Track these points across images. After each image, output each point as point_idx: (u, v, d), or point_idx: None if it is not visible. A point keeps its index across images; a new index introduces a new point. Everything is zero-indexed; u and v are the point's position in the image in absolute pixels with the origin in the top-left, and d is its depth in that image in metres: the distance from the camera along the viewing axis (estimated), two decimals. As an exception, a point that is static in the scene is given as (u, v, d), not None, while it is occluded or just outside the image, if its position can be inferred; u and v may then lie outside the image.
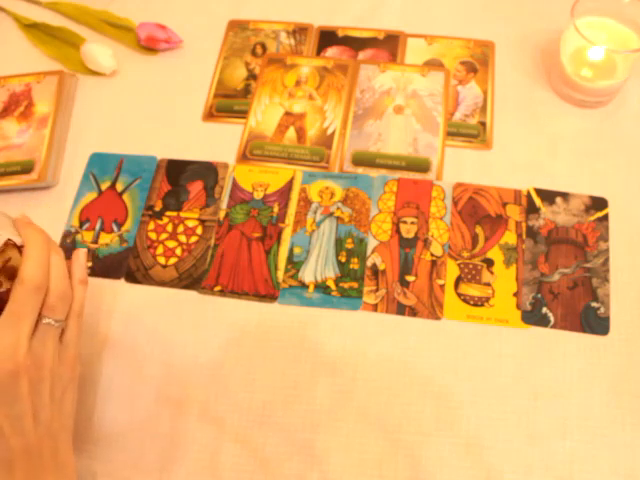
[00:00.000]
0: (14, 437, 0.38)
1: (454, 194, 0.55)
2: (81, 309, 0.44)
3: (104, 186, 0.58)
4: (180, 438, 0.48)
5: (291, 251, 0.54)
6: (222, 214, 0.56)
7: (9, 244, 0.40)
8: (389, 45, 0.64)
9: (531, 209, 0.54)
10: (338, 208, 0.56)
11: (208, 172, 0.58)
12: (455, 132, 0.59)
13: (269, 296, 0.52)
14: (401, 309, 0.51)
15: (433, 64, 0.63)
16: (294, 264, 0.53)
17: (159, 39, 0.64)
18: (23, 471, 0.38)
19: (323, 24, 0.66)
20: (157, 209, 0.57)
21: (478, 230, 0.54)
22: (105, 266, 0.55)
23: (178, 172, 0.58)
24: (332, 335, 0.51)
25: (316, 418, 0.48)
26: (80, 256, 0.45)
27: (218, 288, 0.53)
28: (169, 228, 0.56)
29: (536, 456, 0.46)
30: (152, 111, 0.62)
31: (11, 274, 0.41)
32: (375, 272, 0.53)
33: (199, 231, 0.55)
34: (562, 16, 0.57)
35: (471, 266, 0.52)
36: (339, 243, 0.54)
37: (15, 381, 0.38)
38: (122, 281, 0.54)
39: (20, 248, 0.40)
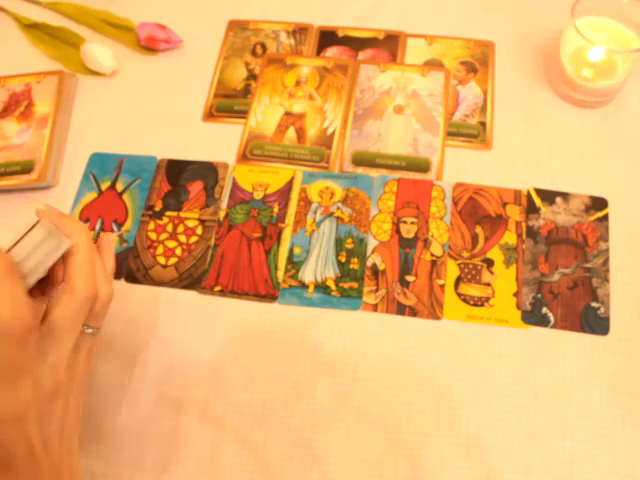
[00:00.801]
0: (44, 458, 0.35)
1: (454, 194, 0.55)
2: (108, 305, 0.41)
3: (104, 186, 0.58)
4: (180, 438, 0.48)
5: (291, 251, 0.54)
6: (222, 214, 0.56)
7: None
8: (389, 45, 0.64)
9: (531, 209, 0.54)
10: (338, 208, 0.56)
11: (208, 172, 0.58)
12: (455, 132, 0.59)
13: (269, 296, 0.52)
14: (401, 309, 0.51)
15: (433, 64, 0.63)
16: (294, 264, 0.53)
17: (159, 39, 0.64)
18: None
19: (323, 24, 0.66)
20: (157, 209, 0.57)
21: (478, 230, 0.54)
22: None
23: (178, 172, 0.58)
24: (332, 335, 0.51)
25: (316, 418, 0.48)
26: (111, 244, 0.41)
27: (218, 288, 0.53)
28: (169, 228, 0.56)
29: (536, 456, 0.46)
30: (152, 111, 0.62)
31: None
32: (375, 272, 0.53)
33: (199, 231, 0.55)
34: (562, 16, 0.57)
35: (471, 266, 0.52)
36: (339, 243, 0.54)
37: (53, 402, 0.35)
38: (122, 281, 0.54)
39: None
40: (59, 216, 0.38)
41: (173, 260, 0.54)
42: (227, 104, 0.62)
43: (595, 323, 0.50)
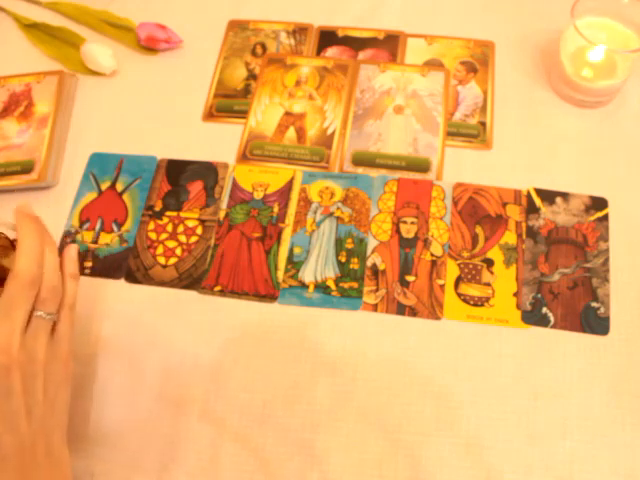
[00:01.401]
0: (7, 434, 0.37)
1: (454, 194, 0.55)
2: (73, 304, 0.44)
3: (104, 186, 0.58)
4: (180, 438, 0.48)
5: (291, 251, 0.54)
6: (222, 214, 0.56)
7: (1, 237, 0.40)
8: (389, 45, 0.64)
9: (531, 209, 0.54)
10: (338, 208, 0.56)
11: (208, 172, 0.58)
12: (455, 132, 0.59)
13: (269, 296, 0.52)
14: (401, 309, 0.51)
15: (433, 64, 0.63)
16: (294, 264, 0.53)
17: (159, 39, 0.64)
18: (17, 468, 0.38)
19: (323, 24, 0.66)
20: (157, 209, 0.57)
21: (478, 230, 0.54)
22: (105, 266, 0.55)
23: (178, 172, 0.58)
24: (332, 335, 0.51)
25: (316, 418, 0.48)
26: (71, 251, 0.45)
27: (218, 288, 0.53)
28: (169, 228, 0.56)
29: (536, 456, 0.46)
30: (152, 111, 0.62)
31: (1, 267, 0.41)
32: (375, 272, 0.53)
33: (199, 231, 0.55)
34: (562, 16, 0.57)
35: (471, 266, 0.52)
36: (339, 243, 0.54)
37: (8, 376, 0.37)
38: (122, 281, 0.54)
39: (13, 241, 0.41)
40: (22, 215, 0.42)
41: (173, 260, 0.54)
42: (227, 104, 0.62)
43: (595, 323, 0.50)
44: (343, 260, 0.53)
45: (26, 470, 0.38)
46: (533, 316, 0.50)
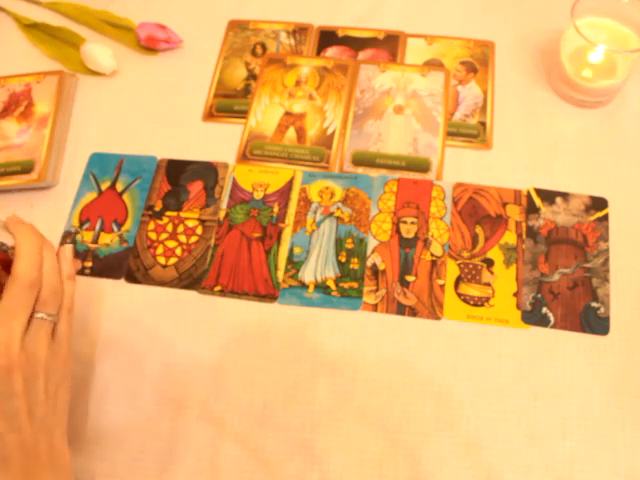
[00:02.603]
0: (9, 434, 0.38)
1: (454, 194, 0.55)
2: (71, 304, 0.44)
3: (104, 186, 0.58)
4: (180, 438, 0.48)
5: (291, 251, 0.54)
6: (222, 214, 0.56)
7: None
8: (389, 45, 0.64)
9: (531, 209, 0.54)
10: (338, 208, 0.56)
11: (208, 172, 0.58)
12: (455, 132, 0.59)
13: (269, 296, 0.52)
14: (401, 309, 0.51)
15: (433, 64, 0.63)
16: (294, 264, 0.53)
17: (159, 39, 0.64)
18: (19, 468, 0.38)
19: (323, 24, 0.66)
20: (157, 209, 0.57)
21: (478, 230, 0.54)
22: (105, 266, 0.55)
23: (178, 172, 0.58)
24: (332, 335, 0.51)
25: (316, 418, 0.48)
26: (66, 252, 0.45)
27: (218, 288, 0.53)
28: (169, 228, 0.56)
29: (536, 456, 0.46)
30: (152, 111, 0.62)
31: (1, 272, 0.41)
32: (375, 272, 0.53)
33: (199, 231, 0.55)
34: (562, 16, 0.57)
35: (471, 266, 0.52)
36: (339, 243, 0.54)
37: (9, 377, 0.38)
38: (122, 281, 0.54)
39: (11, 249, 0.41)
40: (16, 222, 0.43)
41: (173, 260, 0.54)
42: (227, 104, 0.62)
43: (595, 323, 0.50)
44: (343, 260, 0.53)
45: (29, 469, 0.38)
46: (533, 316, 0.50)
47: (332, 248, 0.54)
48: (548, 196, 0.55)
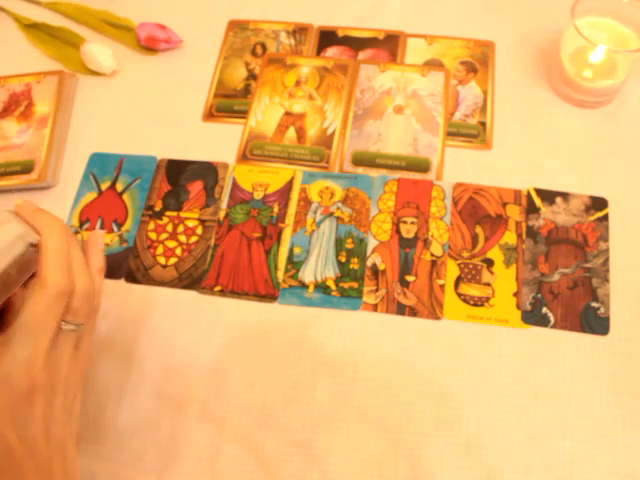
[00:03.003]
0: (27, 460, 0.34)
1: (454, 194, 0.55)
2: (98, 304, 0.40)
3: (104, 186, 0.58)
4: (180, 438, 0.48)
5: (291, 251, 0.54)
6: (222, 214, 0.56)
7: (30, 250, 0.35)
8: (389, 45, 0.64)
9: (531, 209, 0.54)
10: (338, 208, 0.56)
11: (208, 172, 0.58)
12: (455, 132, 0.59)
13: (269, 296, 0.52)
14: (401, 309, 0.51)
15: (433, 64, 0.63)
16: (294, 264, 0.53)
17: (159, 39, 0.64)
18: None
19: (323, 24, 0.66)
20: (157, 209, 0.57)
21: (478, 230, 0.54)
22: (105, 266, 0.54)
23: (178, 172, 0.58)
24: (332, 335, 0.51)
25: (316, 418, 0.48)
26: (99, 240, 0.39)
27: (218, 288, 0.53)
28: (169, 228, 0.56)
29: (536, 456, 0.46)
30: (152, 111, 0.62)
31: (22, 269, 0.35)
32: (375, 272, 0.53)
33: (199, 231, 0.55)
34: (562, 16, 0.57)
35: (471, 266, 0.52)
36: (339, 243, 0.54)
37: (30, 401, 0.34)
38: (122, 281, 0.54)
39: (32, 247, 0.35)
40: (34, 211, 0.37)
41: (173, 260, 0.54)
42: (227, 104, 0.62)
43: (595, 323, 0.50)
44: (343, 260, 0.53)
45: None
46: (533, 316, 0.50)
47: (332, 248, 0.54)
48: (548, 196, 0.55)
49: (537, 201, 0.55)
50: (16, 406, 0.33)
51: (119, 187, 0.58)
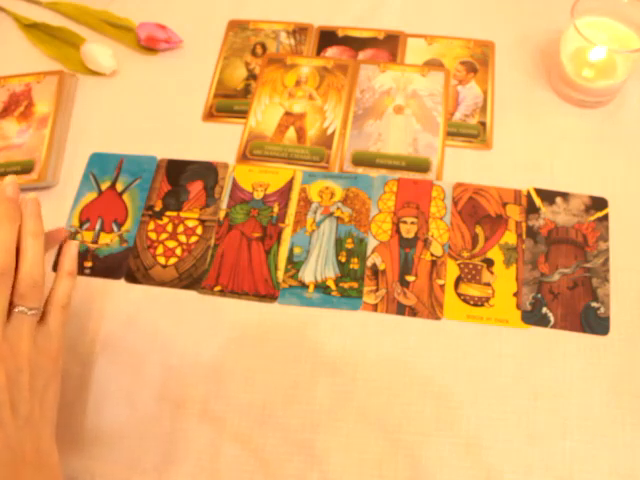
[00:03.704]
0: None
1: (454, 194, 0.55)
2: (67, 301, 0.43)
3: (104, 186, 0.58)
4: (180, 438, 0.48)
5: (291, 251, 0.54)
6: (222, 214, 0.56)
7: None
8: (389, 45, 0.64)
9: (531, 209, 0.54)
10: (338, 208, 0.56)
11: (208, 172, 0.58)
12: (455, 132, 0.59)
13: (269, 296, 0.52)
14: (401, 309, 0.51)
15: (433, 64, 0.63)
16: (294, 264, 0.53)
17: (159, 39, 0.64)
18: (3, 466, 0.36)
19: (323, 24, 0.66)
20: (157, 209, 0.57)
21: (478, 230, 0.54)
22: (105, 266, 0.55)
23: (178, 172, 0.58)
24: (332, 335, 0.51)
25: (316, 418, 0.48)
26: (72, 248, 0.43)
27: (218, 288, 0.53)
28: (169, 228, 0.56)
29: (536, 456, 0.46)
30: (152, 111, 0.62)
31: None
32: (375, 272, 0.53)
33: (199, 231, 0.55)
34: (562, 16, 0.57)
35: (471, 266, 0.52)
36: (339, 243, 0.54)
37: None
38: (122, 281, 0.54)
39: None
40: None
41: (173, 260, 0.54)
42: (227, 104, 0.62)
43: (595, 323, 0.50)
44: (343, 260, 0.53)
45: (12, 466, 0.37)
46: (533, 316, 0.50)
47: (332, 248, 0.54)
48: (548, 196, 0.55)
49: (537, 201, 0.55)
50: None
51: (119, 187, 0.58)
